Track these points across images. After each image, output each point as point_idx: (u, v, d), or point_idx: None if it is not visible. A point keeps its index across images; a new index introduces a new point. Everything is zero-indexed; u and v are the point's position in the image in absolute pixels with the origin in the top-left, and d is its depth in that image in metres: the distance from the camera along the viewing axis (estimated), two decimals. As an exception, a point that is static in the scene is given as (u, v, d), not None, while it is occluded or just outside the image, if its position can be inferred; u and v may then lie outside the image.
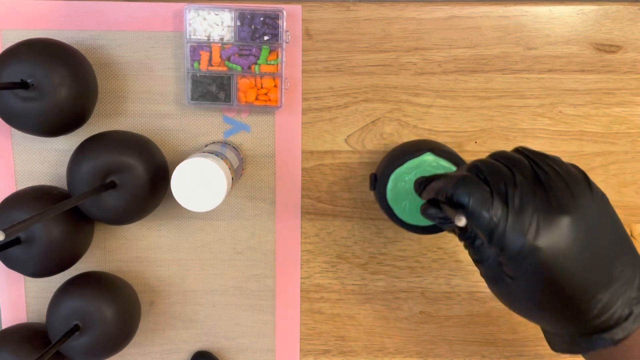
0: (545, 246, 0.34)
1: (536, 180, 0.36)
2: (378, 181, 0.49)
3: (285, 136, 0.54)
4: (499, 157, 0.38)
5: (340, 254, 0.56)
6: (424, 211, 0.41)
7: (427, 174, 0.45)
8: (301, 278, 0.56)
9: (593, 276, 0.34)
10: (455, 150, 0.51)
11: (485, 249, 0.38)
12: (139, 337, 0.57)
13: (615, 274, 0.35)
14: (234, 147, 0.53)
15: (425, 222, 0.48)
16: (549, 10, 0.52)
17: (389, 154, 0.51)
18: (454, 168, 0.47)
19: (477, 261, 0.39)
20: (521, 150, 0.38)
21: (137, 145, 0.49)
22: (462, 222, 0.34)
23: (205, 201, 0.44)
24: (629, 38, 0.52)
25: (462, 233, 0.40)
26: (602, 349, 0.35)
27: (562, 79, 0.53)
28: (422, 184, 0.42)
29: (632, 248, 0.36)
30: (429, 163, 0.48)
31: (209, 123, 0.54)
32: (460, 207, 0.36)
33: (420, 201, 0.44)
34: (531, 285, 0.35)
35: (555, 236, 0.34)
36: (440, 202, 0.39)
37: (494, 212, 0.35)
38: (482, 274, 0.40)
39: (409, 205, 0.49)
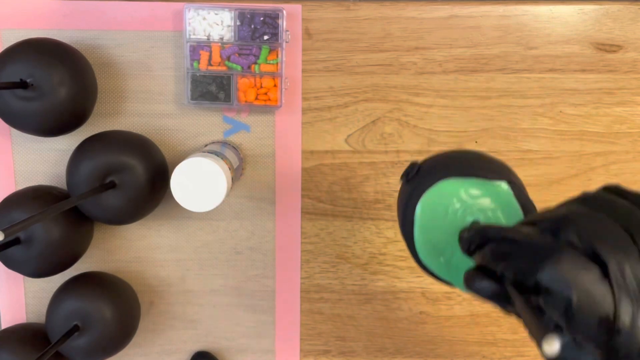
0: None
1: None
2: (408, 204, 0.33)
3: (285, 136, 0.54)
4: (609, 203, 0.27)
5: (340, 254, 0.56)
6: (470, 281, 0.28)
7: (480, 215, 0.32)
8: (301, 278, 0.56)
9: None
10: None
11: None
12: (139, 338, 0.57)
13: None
14: (233, 147, 0.53)
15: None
16: (549, 10, 0.52)
17: (444, 154, 0.36)
18: (515, 218, 0.32)
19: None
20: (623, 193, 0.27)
21: (137, 145, 0.49)
22: (553, 348, 0.22)
23: (205, 201, 0.44)
24: (629, 38, 0.52)
25: (539, 319, 0.25)
26: None
27: (562, 79, 0.53)
28: (475, 235, 0.30)
29: None
30: (497, 198, 0.32)
31: (209, 123, 0.54)
32: (538, 293, 0.25)
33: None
34: None
35: None
36: (505, 278, 0.27)
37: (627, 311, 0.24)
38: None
39: (447, 259, 0.34)
